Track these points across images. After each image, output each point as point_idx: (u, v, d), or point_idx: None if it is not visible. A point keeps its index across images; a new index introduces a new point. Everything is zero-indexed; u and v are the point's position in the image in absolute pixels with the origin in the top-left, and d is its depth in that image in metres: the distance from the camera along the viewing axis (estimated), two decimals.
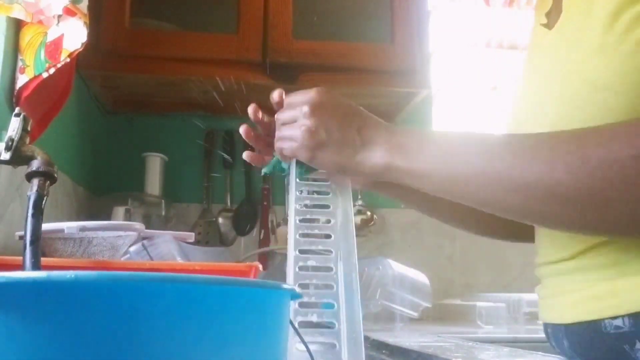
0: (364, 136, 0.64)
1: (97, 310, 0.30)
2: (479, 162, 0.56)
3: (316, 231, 0.66)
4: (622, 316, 0.55)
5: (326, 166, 0.67)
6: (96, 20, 1.32)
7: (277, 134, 0.69)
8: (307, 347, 0.49)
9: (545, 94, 0.64)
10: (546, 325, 0.69)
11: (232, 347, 0.34)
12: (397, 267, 1.28)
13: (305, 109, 0.65)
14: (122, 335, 0.30)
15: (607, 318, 0.56)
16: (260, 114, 0.74)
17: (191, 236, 0.93)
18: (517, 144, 0.55)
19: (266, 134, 0.75)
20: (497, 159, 0.54)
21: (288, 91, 0.71)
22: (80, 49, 1.02)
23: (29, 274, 0.31)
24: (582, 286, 0.60)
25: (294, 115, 0.66)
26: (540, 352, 0.69)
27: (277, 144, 0.69)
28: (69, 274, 0.30)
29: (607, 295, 0.57)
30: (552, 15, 0.67)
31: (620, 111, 0.54)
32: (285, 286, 0.39)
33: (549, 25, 0.68)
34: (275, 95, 0.71)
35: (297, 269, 0.62)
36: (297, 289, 0.41)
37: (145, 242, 0.87)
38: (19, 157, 0.60)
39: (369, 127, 0.64)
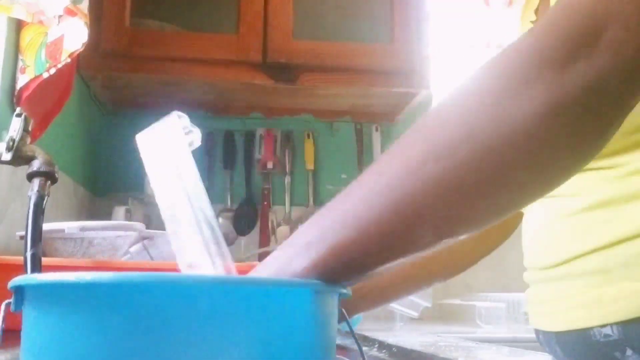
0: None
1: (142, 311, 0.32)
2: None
3: None
4: (611, 324, 0.54)
5: None
6: (97, 21, 1.32)
7: None
8: (359, 345, 0.47)
9: None
10: (537, 332, 0.69)
11: (275, 346, 0.34)
12: None
13: None
14: (153, 336, 0.32)
15: (595, 327, 0.55)
16: None
17: None
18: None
19: None
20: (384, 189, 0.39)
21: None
22: (81, 49, 1.02)
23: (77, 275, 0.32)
24: (569, 293, 0.59)
25: None
26: (539, 352, 0.69)
27: None
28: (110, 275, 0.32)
29: (594, 304, 0.56)
30: (541, 12, 0.66)
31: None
32: (334, 286, 0.39)
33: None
34: None
35: None
36: (345, 290, 0.40)
37: (145, 242, 0.87)
38: (20, 157, 0.61)
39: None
